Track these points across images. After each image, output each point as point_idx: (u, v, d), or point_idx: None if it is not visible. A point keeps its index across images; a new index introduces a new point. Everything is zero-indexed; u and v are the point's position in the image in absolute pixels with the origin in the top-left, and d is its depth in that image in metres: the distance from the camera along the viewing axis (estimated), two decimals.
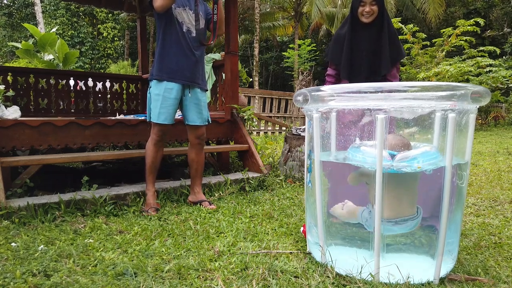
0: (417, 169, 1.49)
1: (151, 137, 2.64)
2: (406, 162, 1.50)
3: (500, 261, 1.77)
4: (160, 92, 2.56)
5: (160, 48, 2.59)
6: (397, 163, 1.50)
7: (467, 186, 1.73)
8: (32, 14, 19.77)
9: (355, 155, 1.60)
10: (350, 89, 1.64)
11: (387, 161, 1.50)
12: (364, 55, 2.44)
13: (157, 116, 2.57)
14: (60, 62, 9.48)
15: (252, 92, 9.53)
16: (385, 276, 1.52)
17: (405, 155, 1.52)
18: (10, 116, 2.89)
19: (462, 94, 1.40)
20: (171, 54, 2.57)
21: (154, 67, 2.61)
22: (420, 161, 1.49)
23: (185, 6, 2.61)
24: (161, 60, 2.58)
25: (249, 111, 3.96)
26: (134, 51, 22.87)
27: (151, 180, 2.66)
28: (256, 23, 16.62)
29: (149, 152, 2.64)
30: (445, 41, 12.02)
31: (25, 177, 2.64)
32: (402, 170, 1.51)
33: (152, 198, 2.63)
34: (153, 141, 2.63)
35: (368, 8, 2.42)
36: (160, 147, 2.66)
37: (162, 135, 2.64)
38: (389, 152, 1.54)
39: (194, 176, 2.83)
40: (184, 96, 2.68)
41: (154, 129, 2.63)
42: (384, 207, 1.51)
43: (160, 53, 2.59)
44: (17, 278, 1.51)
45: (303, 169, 3.68)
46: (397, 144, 1.57)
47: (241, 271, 1.63)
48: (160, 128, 2.61)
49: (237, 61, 3.97)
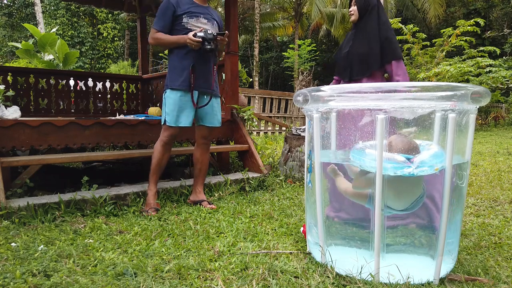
0: (436, 172, 1.48)
1: (161, 139, 2.65)
2: (427, 166, 1.48)
3: (500, 261, 1.77)
4: (176, 96, 2.59)
5: (173, 59, 2.63)
6: (418, 168, 1.48)
7: (467, 186, 1.72)
8: (32, 14, 19.78)
9: (361, 159, 1.56)
10: (350, 89, 1.64)
11: (408, 166, 1.49)
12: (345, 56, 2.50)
13: (170, 119, 2.59)
14: (60, 62, 9.48)
15: (252, 92, 9.52)
16: (385, 276, 1.52)
17: (421, 159, 1.50)
18: (10, 116, 2.90)
19: (462, 94, 1.40)
20: (185, 64, 2.59)
21: (169, 77, 2.64)
22: (437, 163, 1.48)
23: (199, 16, 2.63)
24: (175, 70, 2.61)
25: (249, 111, 3.96)
26: (134, 51, 22.90)
27: (154, 181, 2.66)
28: (256, 23, 16.64)
29: (156, 153, 2.64)
30: (445, 41, 12.02)
31: (25, 177, 2.64)
32: (421, 174, 1.50)
33: (153, 198, 2.63)
34: (162, 142, 2.63)
35: (350, 7, 2.51)
36: (168, 149, 2.67)
37: (172, 138, 2.65)
38: (405, 157, 1.52)
39: (197, 176, 2.84)
40: (200, 102, 2.71)
41: (165, 132, 2.64)
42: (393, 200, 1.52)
43: (173, 64, 2.62)
44: (17, 278, 1.50)
45: (303, 169, 3.68)
46: (408, 148, 1.56)
47: (241, 271, 1.63)
48: (171, 132, 2.62)
49: (237, 61, 3.98)
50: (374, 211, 1.51)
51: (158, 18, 2.60)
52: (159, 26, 2.58)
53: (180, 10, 2.57)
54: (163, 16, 2.57)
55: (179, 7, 2.58)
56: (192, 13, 2.61)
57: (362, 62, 2.42)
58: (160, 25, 2.57)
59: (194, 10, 2.62)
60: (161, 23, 2.57)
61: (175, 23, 2.59)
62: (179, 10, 2.57)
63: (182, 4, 2.59)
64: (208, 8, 2.75)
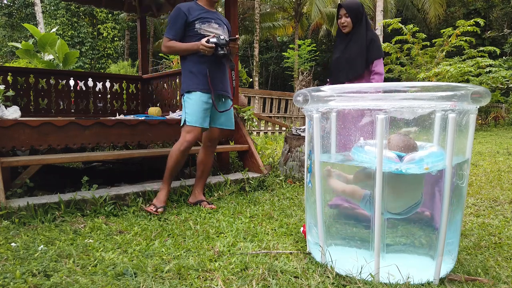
0: (425, 171, 1.49)
1: (181, 142, 2.59)
2: (414, 164, 1.49)
3: (500, 261, 1.77)
4: (196, 97, 2.58)
5: (188, 64, 2.62)
6: (405, 164, 1.49)
7: (467, 186, 1.72)
8: (32, 14, 19.78)
9: (360, 155, 1.59)
10: (350, 89, 1.64)
11: (395, 163, 1.49)
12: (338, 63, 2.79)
13: (191, 119, 2.57)
14: (60, 62, 9.47)
15: (252, 92, 9.52)
16: (385, 276, 1.52)
17: (412, 156, 1.52)
18: (10, 116, 2.90)
19: (462, 94, 1.40)
20: (200, 68, 2.59)
21: (185, 82, 2.63)
22: (428, 162, 1.49)
23: (210, 21, 2.64)
24: (191, 75, 2.60)
25: (249, 111, 3.96)
26: (134, 51, 22.90)
27: (169, 182, 2.64)
28: (256, 23, 16.64)
29: (174, 155, 2.59)
30: (445, 41, 12.02)
31: (25, 177, 2.64)
32: (409, 172, 1.50)
33: (165, 195, 2.61)
34: (182, 146, 2.58)
35: (342, 20, 2.80)
36: (187, 152, 2.63)
37: (194, 140, 2.59)
38: (397, 154, 1.53)
39: (199, 178, 2.82)
40: (218, 105, 2.71)
41: (187, 134, 2.58)
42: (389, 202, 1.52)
43: (188, 69, 2.62)
44: (17, 278, 1.50)
45: (303, 169, 3.68)
46: (404, 146, 1.57)
47: (241, 271, 1.63)
48: (195, 133, 2.58)
49: (237, 61, 3.97)
50: (373, 213, 1.51)
51: (169, 27, 2.59)
52: (171, 35, 2.58)
53: (191, 17, 2.58)
54: (174, 25, 2.57)
55: (190, 14, 2.58)
56: (204, 19, 2.61)
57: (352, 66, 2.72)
58: (172, 34, 2.57)
59: (205, 16, 2.63)
60: (172, 32, 2.57)
61: (188, 29, 2.59)
62: (190, 17, 2.57)
63: (193, 11, 2.60)
64: (216, 13, 2.76)
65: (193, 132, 2.58)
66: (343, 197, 1.75)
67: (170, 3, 5.16)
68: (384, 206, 1.53)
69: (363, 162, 1.57)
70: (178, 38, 2.59)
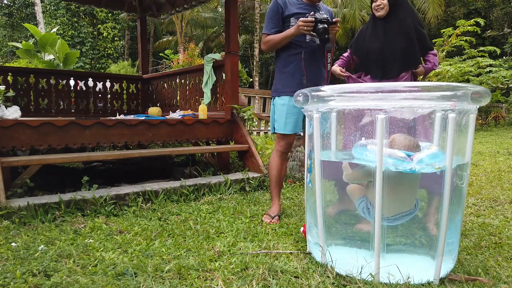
0: (437, 170, 1.49)
1: (276, 149, 2.49)
2: (426, 164, 1.49)
3: (500, 261, 1.77)
4: (285, 102, 2.43)
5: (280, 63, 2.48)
6: (418, 164, 1.49)
7: (467, 186, 1.73)
8: (33, 14, 19.77)
9: (363, 153, 1.58)
10: (350, 89, 1.64)
11: (408, 162, 1.49)
12: (376, 52, 2.35)
13: (283, 127, 2.44)
14: (60, 62, 9.48)
15: (252, 92, 9.52)
16: (385, 276, 1.52)
17: (421, 156, 1.51)
18: (10, 116, 2.90)
19: (462, 94, 1.40)
20: (293, 67, 2.42)
21: (277, 83, 2.49)
22: (436, 162, 1.49)
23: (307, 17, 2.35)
24: (283, 75, 2.46)
25: (249, 111, 3.96)
26: (134, 51, 22.88)
27: (277, 194, 2.53)
28: (256, 23, 16.63)
29: (274, 164, 2.49)
30: (445, 41, 12.01)
31: (25, 177, 2.64)
32: (422, 171, 1.50)
33: (277, 209, 2.50)
34: (279, 153, 2.49)
35: (378, 1, 2.34)
36: (285, 159, 2.54)
37: (288, 147, 2.50)
38: (406, 153, 1.53)
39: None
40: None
41: (280, 142, 2.48)
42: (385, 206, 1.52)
43: (280, 69, 2.47)
44: (17, 278, 1.51)
45: (303, 169, 3.68)
46: (409, 145, 1.57)
47: (241, 271, 1.63)
48: (287, 140, 2.47)
49: (237, 61, 3.98)
50: (373, 213, 1.51)
51: (266, 22, 2.44)
52: (267, 30, 2.43)
53: (287, 11, 2.40)
54: (271, 19, 2.42)
55: (286, 8, 2.40)
56: (300, 15, 2.37)
57: (405, 57, 2.30)
58: (269, 28, 2.42)
59: (302, 11, 2.39)
60: (269, 26, 2.42)
61: (283, 25, 2.42)
62: (286, 11, 2.40)
63: (290, 5, 2.41)
64: (317, 6, 2.48)
65: (283, 139, 2.47)
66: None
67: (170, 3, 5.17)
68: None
69: (368, 161, 1.56)
70: (276, 32, 2.40)
